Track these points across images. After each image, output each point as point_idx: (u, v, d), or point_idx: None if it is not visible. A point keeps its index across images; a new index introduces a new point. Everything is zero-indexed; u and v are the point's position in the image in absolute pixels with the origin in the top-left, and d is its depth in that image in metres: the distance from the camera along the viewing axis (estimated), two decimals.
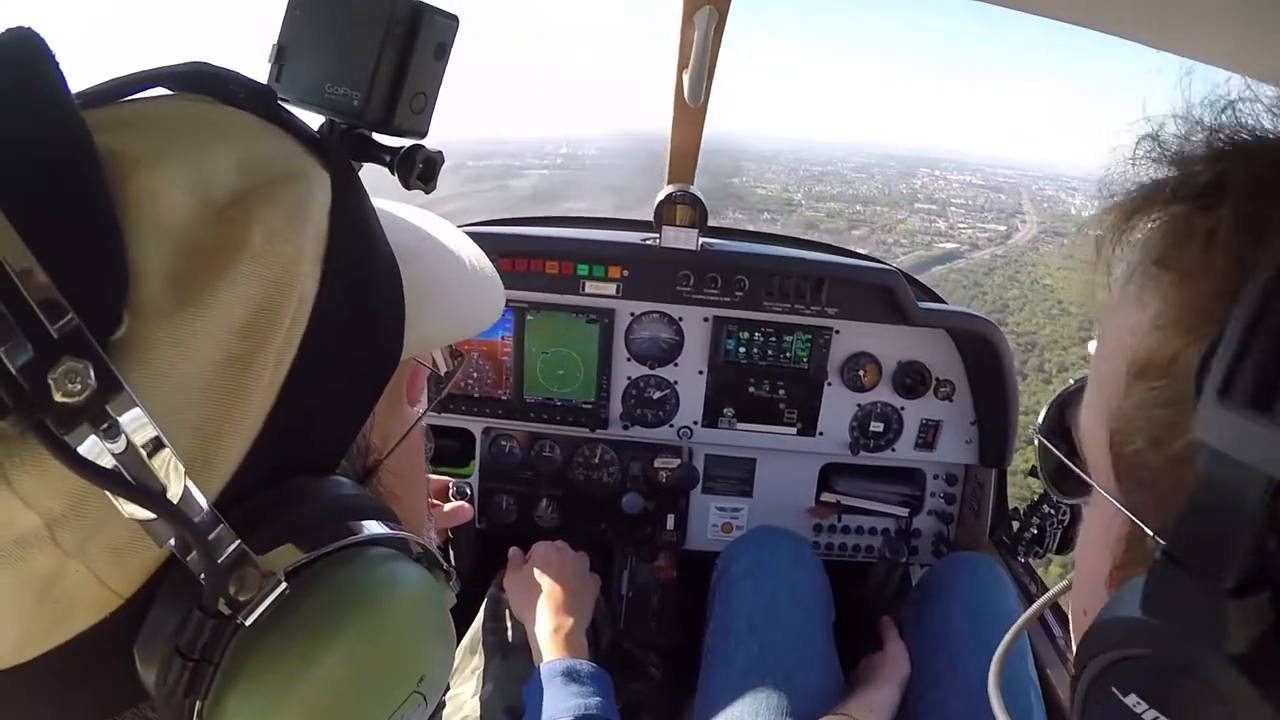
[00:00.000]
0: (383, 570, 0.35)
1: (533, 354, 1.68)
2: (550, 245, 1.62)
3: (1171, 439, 0.32)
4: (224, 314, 0.29)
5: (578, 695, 1.05)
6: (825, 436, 1.73)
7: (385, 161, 0.42)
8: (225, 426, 0.30)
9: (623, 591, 1.72)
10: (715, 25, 1.09)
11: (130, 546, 0.29)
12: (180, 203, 0.29)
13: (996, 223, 79.28)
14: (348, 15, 0.40)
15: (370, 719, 0.35)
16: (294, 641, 0.32)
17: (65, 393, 0.24)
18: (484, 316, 0.48)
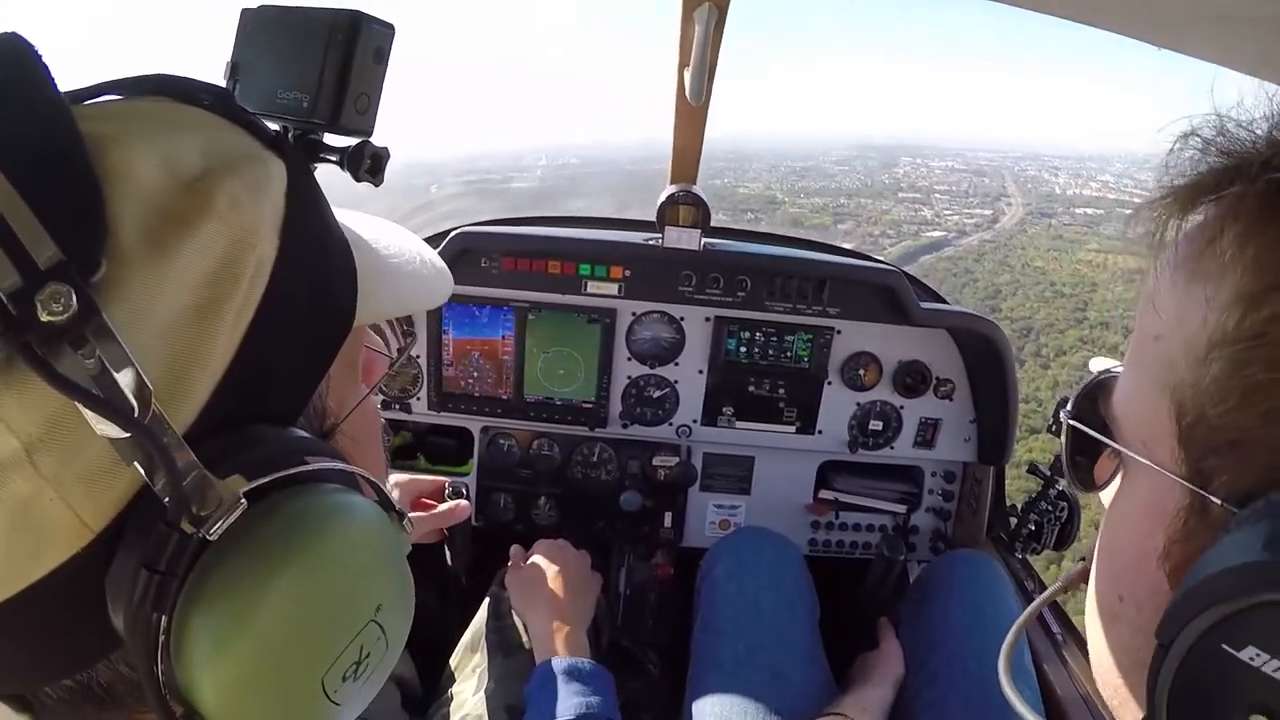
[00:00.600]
0: (337, 500, 0.38)
1: (534, 354, 1.68)
2: (553, 245, 1.62)
3: (1269, 396, 0.33)
4: (190, 264, 0.33)
5: (579, 694, 1.06)
6: (824, 435, 1.73)
7: (336, 160, 0.46)
8: (192, 366, 0.34)
9: (621, 589, 1.73)
10: (715, 23, 1.08)
11: (102, 476, 0.32)
12: (152, 174, 0.33)
13: (982, 207, 78.90)
14: (293, 28, 0.45)
15: (328, 643, 0.38)
16: (253, 561, 0.34)
17: (50, 313, 0.28)
18: (431, 296, 0.53)
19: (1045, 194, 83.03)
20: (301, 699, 0.37)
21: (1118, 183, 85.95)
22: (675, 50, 1.18)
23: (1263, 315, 0.33)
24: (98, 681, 0.36)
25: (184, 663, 0.34)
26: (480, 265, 1.60)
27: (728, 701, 1.17)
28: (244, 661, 0.34)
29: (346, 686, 0.39)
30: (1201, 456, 0.37)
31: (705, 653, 1.27)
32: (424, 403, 1.73)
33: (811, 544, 1.84)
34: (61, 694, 0.36)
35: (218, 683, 0.34)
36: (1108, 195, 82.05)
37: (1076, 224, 72.81)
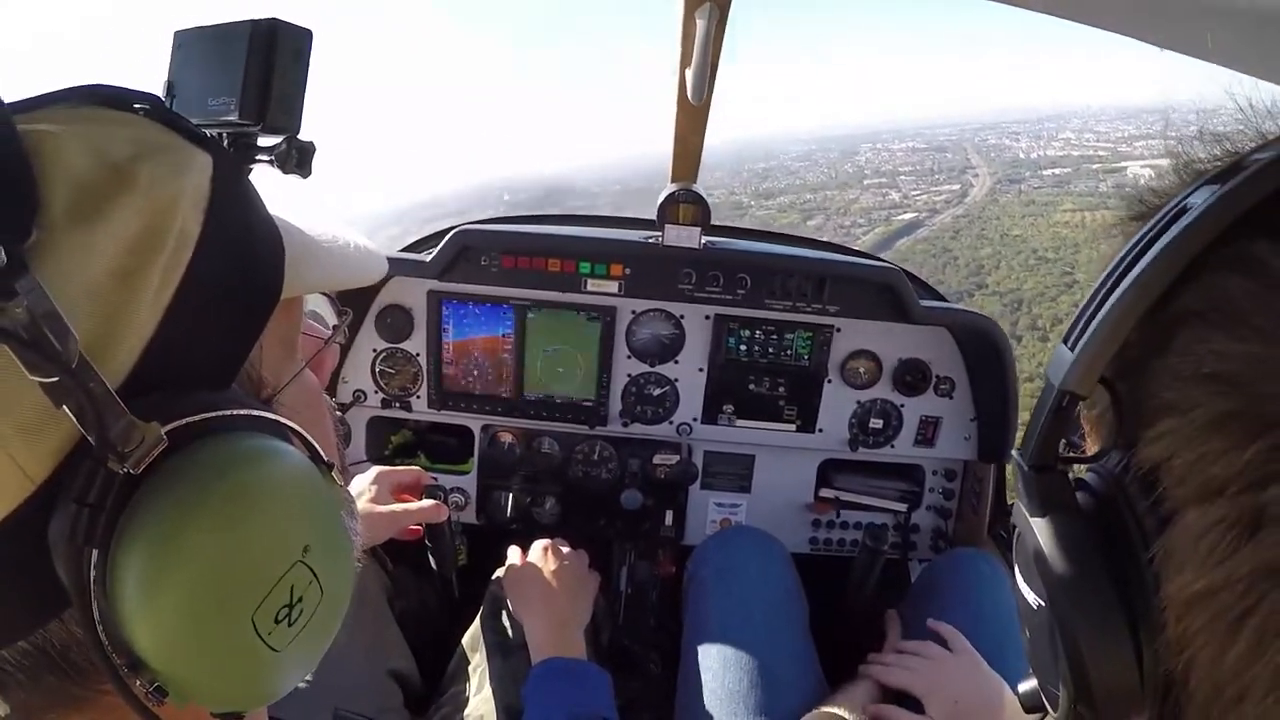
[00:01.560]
0: (260, 443, 0.40)
1: (533, 352, 1.68)
2: (552, 243, 1.62)
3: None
4: (114, 232, 0.36)
5: (574, 694, 1.06)
6: (824, 433, 1.73)
7: (268, 160, 0.50)
8: (118, 326, 0.36)
9: (621, 588, 1.73)
10: (717, 22, 1.08)
11: (38, 426, 0.34)
12: (81, 158, 0.37)
13: (949, 182, 78.36)
14: (218, 41, 0.49)
15: (254, 577, 0.39)
16: (176, 496, 0.36)
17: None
18: (361, 274, 0.55)
19: (1010, 160, 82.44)
20: (232, 634, 0.39)
21: (1079, 138, 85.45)
22: (676, 51, 1.18)
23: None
24: (53, 644, 0.38)
25: (117, 596, 0.35)
26: (480, 263, 1.60)
27: (716, 702, 1.17)
28: (173, 592, 0.36)
29: (282, 630, 0.40)
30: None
31: (693, 654, 1.27)
32: (424, 401, 1.73)
33: (812, 543, 1.85)
34: (20, 661, 0.38)
35: (150, 615, 0.36)
36: (1071, 152, 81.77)
37: (1046, 186, 72.52)
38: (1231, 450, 0.30)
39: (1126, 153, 77.56)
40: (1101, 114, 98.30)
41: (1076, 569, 0.36)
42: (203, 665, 0.38)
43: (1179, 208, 0.36)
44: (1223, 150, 0.39)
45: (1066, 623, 0.36)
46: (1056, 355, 0.38)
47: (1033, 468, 0.38)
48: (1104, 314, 0.35)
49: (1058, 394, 0.37)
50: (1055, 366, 0.38)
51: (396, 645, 1.34)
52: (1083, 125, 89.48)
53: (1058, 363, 0.37)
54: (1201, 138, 0.40)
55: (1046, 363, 0.39)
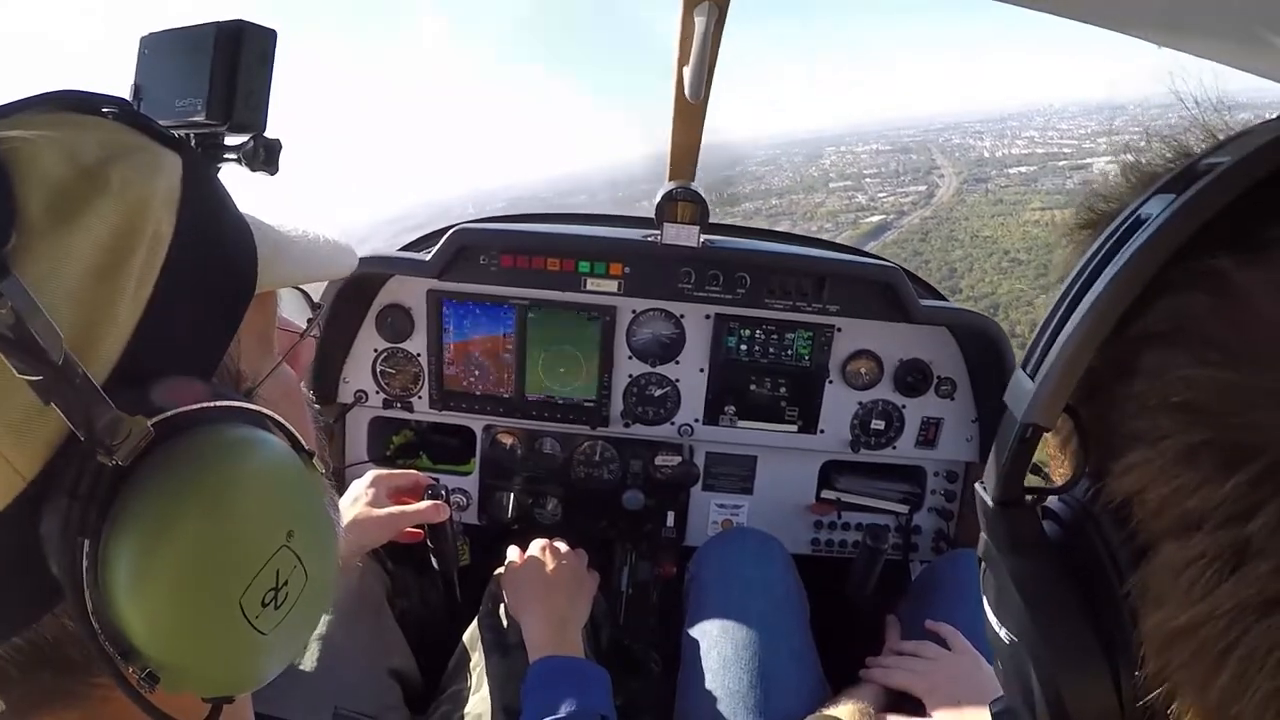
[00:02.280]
0: (242, 433, 0.42)
1: (534, 352, 1.68)
2: (552, 242, 1.62)
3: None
4: (90, 234, 0.37)
5: (570, 693, 1.06)
6: (826, 434, 1.73)
7: (235, 158, 0.51)
8: (99, 323, 0.37)
9: (623, 588, 1.73)
10: (715, 20, 1.08)
11: (28, 423, 0.35)
12: (55, 164, 0.38)
13: (915, 183, 77.41)
14: (184, 44, 0.50)
15: (240, 562, 0.40)
16: (164, 484, 0.38)
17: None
18: (332, 267, 0.57)
19: (975, 159, 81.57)
20: (221, 618, 0.40)
21: (1043, 136, 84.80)
22: (675, 50, 1.18)
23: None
24: (46, 640, 0.39)
25: (109, 584, 0.36)
26: (479, 262, 1.60)
27: (716, 703, 1.17)
28: (163, 578, 0.37)
29: (269, 614, 0.41)
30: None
31: (694, 654, 1.27)
32: (425, 401, 1.73)
33: (814, 544, 1.84)
34: (15, 658, 0.38)
35: (141, 601, 0.37)
36: (1036, 150, 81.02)
37: (1013, 184, 71.71)
38: (1207, 483, 0.29)
39: (1091, 149, 76.83)
40: (1064, 111, 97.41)
41: (1049, 607, 0.35)
42: (193, 650, 0.39)
43: (1132, 219, 0.34)
44: (1173, 151, 0.38)
45: (1042, 660, 0.35)
46: (1016, 383, 0.37)
47: (998, 503, 0.37)
48: (1063, 340, 0.34)
49: (1020, 426, 0.35)
50: (1015, 396, 0.36)
51: (397, 644, 1.34)
52: (1045, 123, 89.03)
53: (1017, 392, 0.36)
54: (1148, 137, 0.39)
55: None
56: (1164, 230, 0.32)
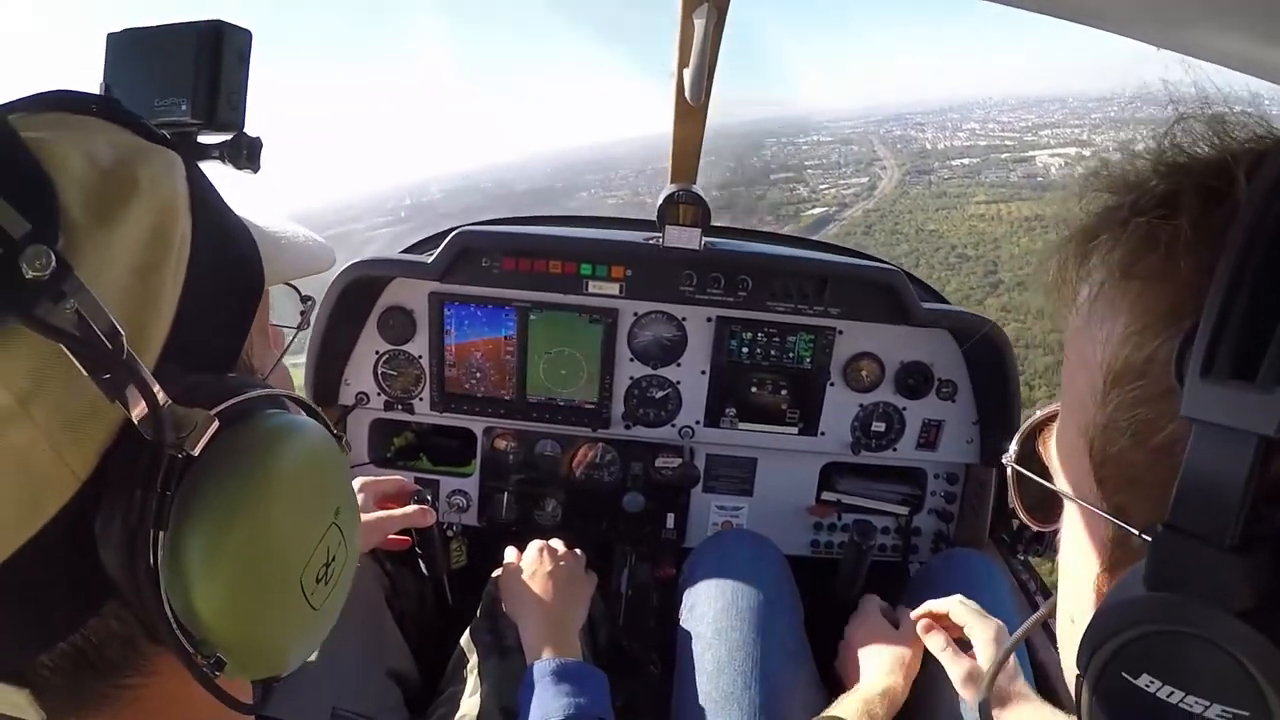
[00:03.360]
0: (290, 418, 0.44)
1: (535, 354, 1.68)
2: (553, 245, 1.62)
3: (1153, 433, 0.34)
4: (130, 232, 0.38)
5: (567, 694, 1.06)
6: (827, 436, 1.73)
7: (215, 155, 0.52)
8: (146, 320, 0.38)
9: (623, 590, 1.72)
10: (715, 22, 1.09)
11: (86, 422, 0.35)
12: (81, 165, 0.38)
13: (857, 175, 76.51)
14: (161, 43, 0.51)
15: (303, 541, 0.42)
16: (231, 471, 0.39)
17: (34, 270, 0.32)
18: (318, 264, 0.59)
19: (917, 151, 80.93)
20: (286, 598, 0.41)
21: (984, 128, 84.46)
22: (675, 51, 1.19)
23: (1143, 355, 0.35)
24: (90, 642, 0.39)
25: (180, 574, 0.37)
26: (481, 265, 1.61)
27: (712, 704, 1.17)
28: (236, 562, 0.38)
29: (320, 590, 0.44)
30: (1114, 492, 0.38)
31: (688, 656, 1.27)
32: (426, 403, 1.73)
33: (814, 545, 1.84)
34: (57, 664, 0.38)
35: (214, 587, 0.38)
36: (978, 143, 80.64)
37: (956, 177, 70.85)
38: None
39: (1033, 142, 76.47)
40: (1003, 104, 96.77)
41: None
42: (259, 632, 0.41)
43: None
44: (1215, 134, 0.37)
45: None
46: (1230, 394, 0.29)
47: (1233, 549, 0.30)
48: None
49: (1261, 442, 0.29)
50: (1233, 409, 0.29)
51: (395, 645, 1.34)
52: (986, 115, 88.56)
53: (1237, 404, 0.29)
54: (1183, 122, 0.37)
55: (1216, 414, 0.30)
56: None
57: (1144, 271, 0.36)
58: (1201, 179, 0.35)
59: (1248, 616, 0.29)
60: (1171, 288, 0.34)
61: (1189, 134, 0.37)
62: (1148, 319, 0.35)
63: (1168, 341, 0.33)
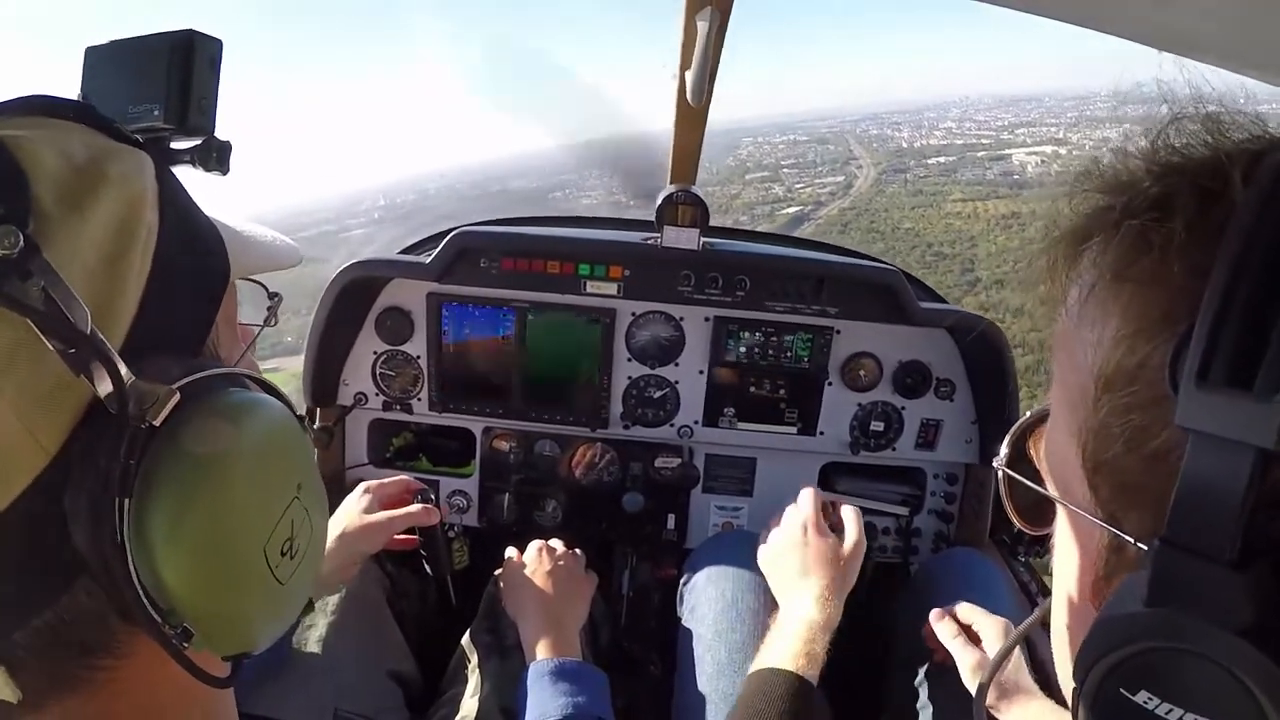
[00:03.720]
0: (253, 395, 0.46)
1: (534, 354, 1.68)
2: (551, 245, 1.62)
3: (1147, 440, 0.34)
4: (100, 220, 0.40)
5: (566, 694, 1.06)
6: (826, 436, 1.73)
7: (187, 159, 0.54)
8: (113, 304, 0.40)
9: (624, 590, 1.73)
10: (717, 25, 1.09)
11: (54, 397, 0.37)
12: (54, 161, 0.40)
13: (833, 174, 75.34)
14: (135, 53, 0.53)
15: (265, 511, 0.44)
16: (193, 442, 0.40)
17: (3, 248, 0.34)
18: (284, 260, 0.61)
19: (893, 150, 79.98)
20: (250, 567, 0.43)
21: (960, 127, 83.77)
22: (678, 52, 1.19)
23: (1136, 360, 0.34)
24: (63, 620, 0.40)
25: (145, 543, 0.39)
26: (479, 265, 1.60)
27: (711, 705, 1.17)
28: (199, 533, 0.40)
29: (285, 564, 0.45)
30: (1109, 499, 0.37)
31: (689, 657, 1.27)
32: (425, 403, 1.73)
33: None
34: (31, 642, 0.39)
35: (178, 556, 0.39)
36: (955, 141, 79.63)
37: (932, 175, 69.84)
38: None
39: (1009, 140, 75.82)
40: (979, 103, 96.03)
41: None
42: (224, 601, 0.42)
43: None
44: (1209, 132, 0.36)
45: None
46: (1227, 405, 0.29)
47: (1233, 565, 0.29)
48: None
49: (1259, 455, 0.28)
50: (1228, 421, 0.29)
51: (396, 646, 1.34)
52: (962, 114, 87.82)
53: (1231, 415, 0.28)
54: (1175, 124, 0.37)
55: (1212, 425, 0.29)
56: None
57: (1137, 274, 0.35)
58: (1196, 180, 0.34)
59: (1248, 634, 0.29)
60: (1165, 292, 0.34)
61: (1183, 134, 0.37)
62: (1140, 323, 0.34)
63: (1161, 346, 0.33)
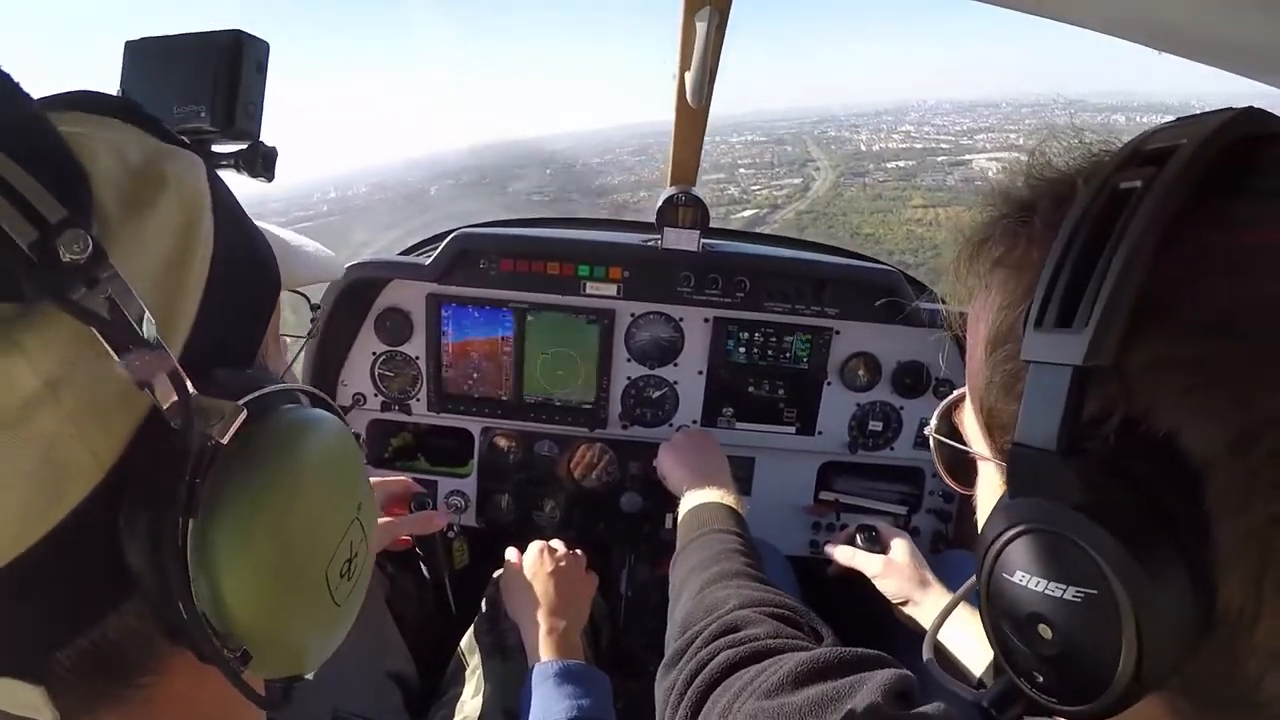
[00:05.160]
0: (315, 412, 0.44)
1: (533, 354, 1.68)
2: (551, 246, 1.62)
3: (1016, 383, 0.42)
4: (160, 225, 0.38)
5: (570, 697, 1.06)
6: (824, 435, 1.73)
7: (228, 164, 0.52)
8: (174, 312, 0.38)
9: (622, 591, 1.73)
10: (717, 25, 1.09)
11: (113, 410, 0.35)
12: (110, 159, 0.38)
13: (790, 176, 73.90)
14: (180, 52, 0.53)
15: (329, 533, 0.43)
16: (260, 461, 0.39)
17: (71, 253, 0.32)
18: (328, 273, 0.61)
19: (851, 153, 78.73)
20: (312, 591, 0.41)
21: (919, 131, 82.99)
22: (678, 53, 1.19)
23: (1008, 324, 0.43)
24: (108, 639, 0.38)
25: (209, 563, 0.37)
26: (479, 266, 1.60)
27: None
28: (263, 551, 0.38)
29: (343, 586, 0.44)
30: (998, 439, 0.46)
31: None
32: (423, 403, 1.73)
33: (812, 545, 1.84)
34: (74, 662, 0.37)
35: (243, 577, 0.38)
36: (914, 145, 78.40)
37: (891, 179, 68.74)
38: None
39: (969, 145, 75.14)
40: (937, 108, 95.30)
41: (1152, 547, 0.36)
42: (285, 624, 0.41)
43: (1109, 188, 0.39)
44: (1083, 149, 0.45)
45: (1148, 604, 0.36)
46: (1048, 339, 0.38)
47: (1063, 453, 0.38)
48: (1109, 285, 0.36)
49: (1076, 372, 0.37)
50: (1054, 348, 0.38)
51: (395, 647, 1.34)
52: (920, 118, 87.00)
53: (1056, 344, 0.38)
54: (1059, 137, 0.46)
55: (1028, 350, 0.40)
56: (1168, 182, 0.37)
57: (1010, 261, 0.45)
58: (1052, 188, 0.45)
59: (1081, 508, 0.37)
60: (1029, 272, 0.42)
61: (1058, 148, 0.46)
62: (1012, 297, 0.44)
63: (1024, 313, 0.41)
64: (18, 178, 0.31)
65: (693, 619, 0.88)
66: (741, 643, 0.77)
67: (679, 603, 0.95)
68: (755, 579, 0.93)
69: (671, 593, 1.00)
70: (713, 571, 0.95)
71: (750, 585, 0.91)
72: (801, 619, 0.82)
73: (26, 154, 0.32)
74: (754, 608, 0.83)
